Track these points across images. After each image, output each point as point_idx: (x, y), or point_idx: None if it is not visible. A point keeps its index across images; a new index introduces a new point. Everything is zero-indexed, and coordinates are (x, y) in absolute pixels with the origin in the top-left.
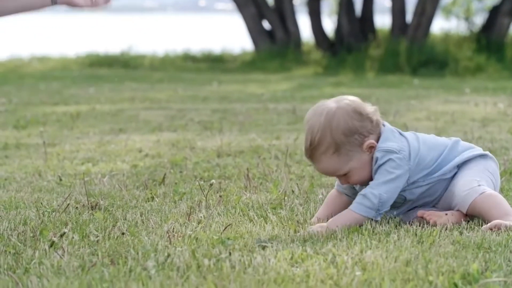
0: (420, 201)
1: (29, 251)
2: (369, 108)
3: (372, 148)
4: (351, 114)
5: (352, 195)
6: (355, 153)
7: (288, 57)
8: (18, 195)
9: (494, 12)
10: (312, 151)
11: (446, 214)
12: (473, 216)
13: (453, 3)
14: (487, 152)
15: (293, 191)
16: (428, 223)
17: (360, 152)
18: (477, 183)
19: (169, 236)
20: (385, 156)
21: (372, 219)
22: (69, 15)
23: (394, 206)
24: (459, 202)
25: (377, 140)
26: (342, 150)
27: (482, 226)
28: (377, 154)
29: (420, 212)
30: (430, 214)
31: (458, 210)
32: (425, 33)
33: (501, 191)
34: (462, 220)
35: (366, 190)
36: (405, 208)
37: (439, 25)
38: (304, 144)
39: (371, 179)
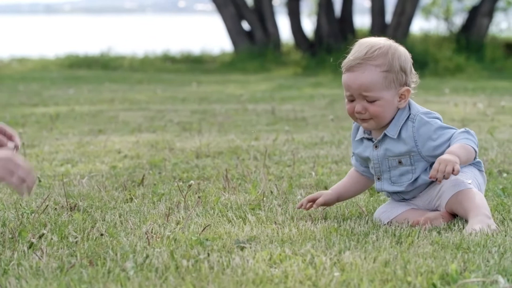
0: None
1: (7, 253)
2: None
3: (403, 96)
4: (410, 60)
5: (367, 174)
6: (393, 89)
7: (267, 58)
8: None
9: (473, 13)
10: (363, 61)
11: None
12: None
13: (432, 3)
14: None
15: (271, 192)
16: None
17: (396, 92)
18: (467, 180)
19: (147, 237)
20: (425, 115)
21: None
22: (48, 16)
23: (396, 182)
24: (444, 191)
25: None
26: (390, 75)
27: (461, 226)
28: (418, 118)
29: (415, 221)
30: (425, 219)
31: (446, 211)
32: (404, 33)
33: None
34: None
35: (459, 131)
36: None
37: (419, 25)
38: (353, 55)
39: (385, 123)
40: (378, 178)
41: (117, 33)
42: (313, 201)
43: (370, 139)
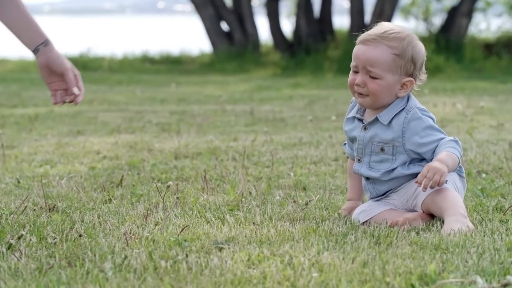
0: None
1: None
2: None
3: (405, 86)
4: (423, 56)
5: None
6: (398, 75)
7: (246, 59)
8: None
9: (452, 13)
10: (378, 38)
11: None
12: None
13: (411, 3)
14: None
15: (250, 193)
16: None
17: (399, 79)
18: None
19: (126, 238)
20: (420, 112)
21: None
22: None
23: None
24: (420, 191)
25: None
26: (399, 60)
27: (440, 226)
28: (412, 112)
29: (394, 221)
30: (404, 220)
31: (424, 212)
32: None
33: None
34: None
35: (448, 138)
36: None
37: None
38: (371, 31)
39: (380, 104)
40: (359, 160)
41: (97, 34)
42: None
43: (360, 120)
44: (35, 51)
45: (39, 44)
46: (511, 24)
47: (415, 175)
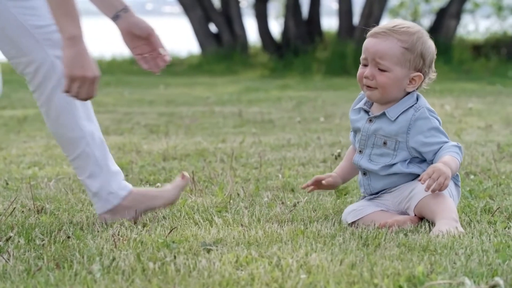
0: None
1: None
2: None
3: (414, 81)
4: (433, 53)
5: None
6: (406, 69)
7: (234, 60)
8: None
9: (441, 14)
10: (388, 31)
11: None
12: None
13: (400, 5)
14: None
15: (238, 194)
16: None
17: (408, 73)
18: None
19: (114, 239)
20: (429, 112)
21: None
22: None
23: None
24: (416, 193)
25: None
26: (408, 54)
27: (428, 228)
28: (421, 110)
29: (383, 222)
30: (393, 222)
31: (415, 216)
32: None
33: None
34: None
35: (452, 143)
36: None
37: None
38: (382, 25)
39: (388, 99)
40: (360, 151)
41: (85, 36)
42: (319, 180)
43: (367, 112)
44: (115, 17)
45: (119, 10)
46: (499, 25)
47: (412, 176)
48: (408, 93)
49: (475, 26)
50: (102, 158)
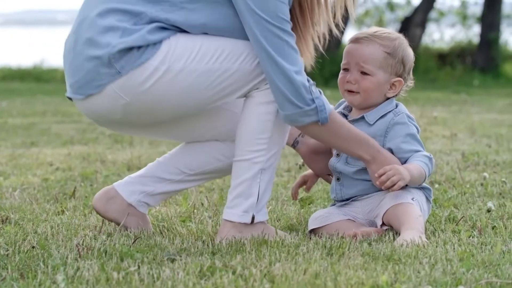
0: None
1: None
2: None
3: (394, 86)
4: (412, 60)
5: None
6: (388, 74)
7: None
8: None
9: (406, 23)
10: (370, 36)
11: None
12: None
13: (365, 14)
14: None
15: (202, 204)
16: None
17: (389, 78)
18: (411, 196)
19: (78, 249)
20: (408, 118)
21: None
22: None
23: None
24: (386, 202)
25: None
26: (390, 59)
27: (393, 237)
28: (401, 115)
29: (353, 232)
30: (357, 232)
31: (381, 229)
32: (337, 44)
33: None
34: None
35: (423, 153)
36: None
37: (351, 36)
38: (364, 31)
39: (369, 103)
40: (338, 155)
41: (50, 46)
42: (300, 186)
43: (345, 116)
44: (295, 143)
45: (297, 136)
46: (464, 34)
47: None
48: (387, 98)
49: (440, 35)
50: None
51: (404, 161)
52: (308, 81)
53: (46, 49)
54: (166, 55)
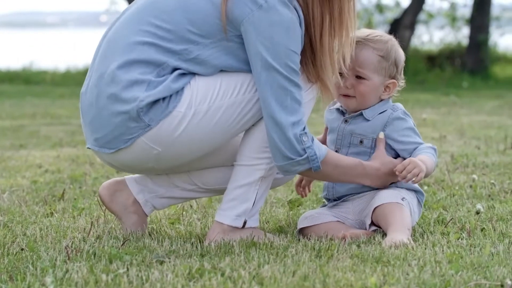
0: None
1: None
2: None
3: (388, 88)
4: (403, 61)
5: None
6: (382, 76)
7: None
8: None
9: (395, 25)
10: (363, 40)
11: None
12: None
13: None
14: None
15: (191, 206)
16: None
17: (383, 80)
18: (401, 197)
19: (67, 251)
20: (405, 115)
21: None
22: None
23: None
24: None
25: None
26: (384, 62)
27: (381, 239)
28: (400, 111)
29: (342, 234)
30: (346, 234)
31: (369, 231)
32: None
33: None
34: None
35: (428, 145)
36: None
37: None
38: (358, 34)
39: (365, 106)
40: (336, 151)
41: (39, 48)
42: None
43: (342, 113)
44: None
45: None
46: (453, 36)
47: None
48: (382, 100)
49: (429, 37)
50: None
51: (408, 153)
52: (302, 129)
53: (36, 51)
54: (191, 99)
